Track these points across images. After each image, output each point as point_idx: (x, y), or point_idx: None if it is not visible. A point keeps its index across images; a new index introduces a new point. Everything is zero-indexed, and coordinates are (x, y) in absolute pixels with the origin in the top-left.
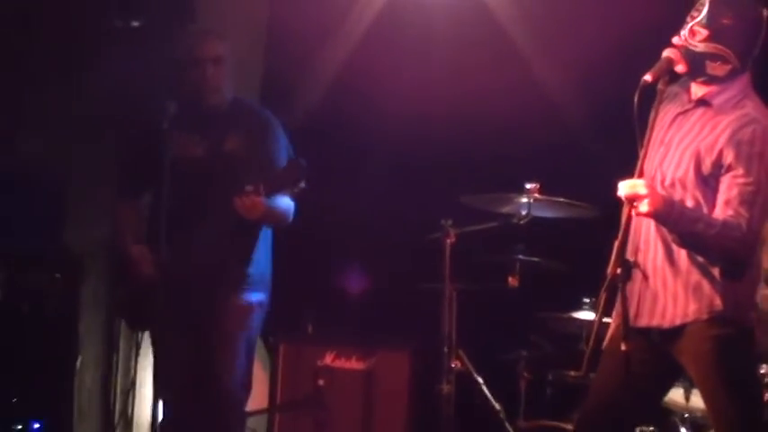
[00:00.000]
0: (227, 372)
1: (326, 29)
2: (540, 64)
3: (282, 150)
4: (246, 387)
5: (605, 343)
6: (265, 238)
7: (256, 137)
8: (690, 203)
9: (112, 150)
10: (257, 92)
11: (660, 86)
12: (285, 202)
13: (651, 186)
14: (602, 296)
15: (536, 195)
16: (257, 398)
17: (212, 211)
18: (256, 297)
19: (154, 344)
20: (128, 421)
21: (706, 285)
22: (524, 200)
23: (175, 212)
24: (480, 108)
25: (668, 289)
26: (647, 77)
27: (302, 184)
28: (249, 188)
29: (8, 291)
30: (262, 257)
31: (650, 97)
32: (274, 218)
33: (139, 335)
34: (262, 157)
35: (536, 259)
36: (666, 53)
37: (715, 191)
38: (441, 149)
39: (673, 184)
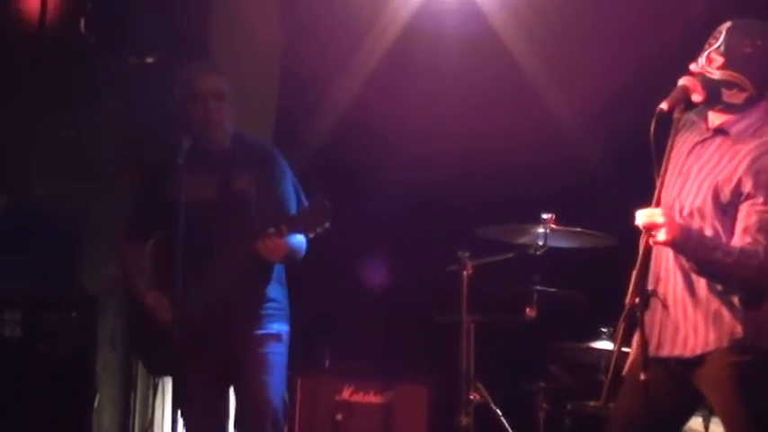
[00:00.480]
0: (265, 399)
1: (340, 64)
2: (555, 96)
3: (290, 185)
4: (284, 420)
5: (624, 372)
6: (279, 269)
7: (264, 173)
8: (708, 233)
9: (127, 190)
10: (271, 128)
11: (676, 115)
12: (299, 240)
13: (668, 215)
14: (621, 326)
15: (552, 226)
16: None
17: (226, 251)
18: (280, 330)
19: (176, 388)
20: None
21: (726, 314)
22: (541, 230)
23: (187, 254)
24: (496, 141)
25: (689, 318)
26: (663, 106)
27: (327, 225)
28: (271, 230)
29: (24, 331)
30: (278, 289)
31: (667, 126)
32: (293, 257)
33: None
34: (272, 194)
35: (553, 290)
36: (682, 81)
37: (734, 220)
38: (457, 183)
39: (691, 214)
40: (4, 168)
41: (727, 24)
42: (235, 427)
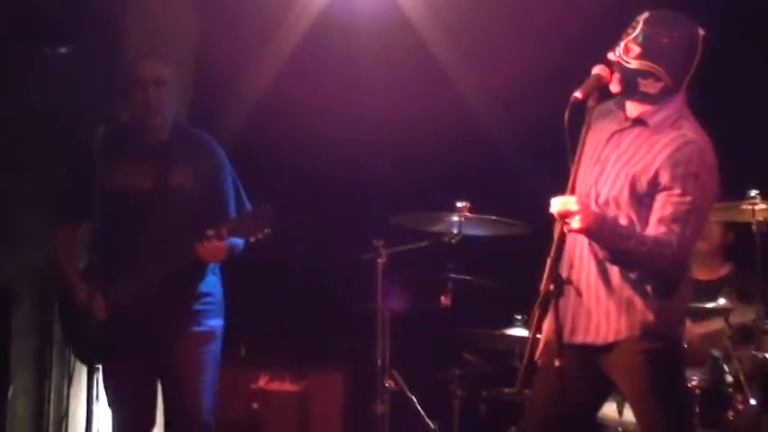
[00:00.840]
0: (197, 405)
1: (256, 52)
2: (470, 85)
3: (229, 179)
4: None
5: (538, 359)
6: (212, 267)
7: (204, 169)
8: (623, 222)
9: (36, 176)
10: (186, 113)
11: (590, 104)
12: (237, 241)
13: (583, 203)
14: (536, 312)
15: (467, 214)
16: None
17: (161, 244)
18: (214, 324)
19: (105, 378)
20: None
21: (638, 302)
22: (455, 218)
23: (122, 245)
24: (411, 130)
25: (601, 306)
26: (578, 94)
27: (267, 231)
28: (210, 232)
29: None
30: (213, 282)
31: (581, 114)
32: (230, 256)
33: (72, 363)
34: (211, 190)
35: (468, 277)
36: (596, 70)
37: (649, 209)
38: (372, 172)
39: (607, 203)
40: None
41: (645, 15)
42: (166, 421)
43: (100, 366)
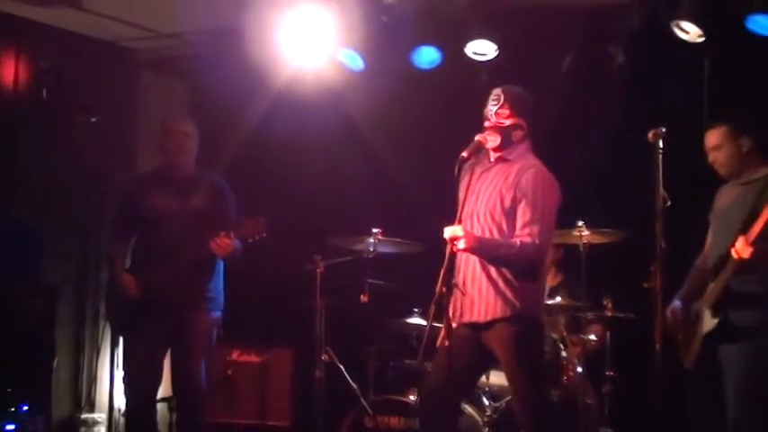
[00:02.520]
0: (196, 372)
1: (237, 113)
2: (386, 148)
3: (232, 205)
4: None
5: (438, 342)
6: (219, 269)
7: (215, 197)
8: (496, 230)
9: (73, 209)
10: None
11: (472, 160)
12: (238, 244)
13: (466, 230)
14: (432, 308)
15: (379, 237)
16: None
17: (183, 245)
18: (215, 315)
19: (124, 351)
20: (91, 404)
21: (509, 292)
22: (371, 240)
23: (156, 249)
24: (345, 177)
25: (482, 295)
26: (464, 154)
27: (264, 235)
28: (223, 233)
29: (1, 312)
30: (219, 284)
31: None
32: (234, 256)
33: (99, 342)
34: (221, 212)
35: (380, 282)
36: (477, 137)
37: (515, 217)
38: (314, 205)
39: (485, 217)
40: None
41: (499, 90)
42: (172, 389)
43: (122, 339)
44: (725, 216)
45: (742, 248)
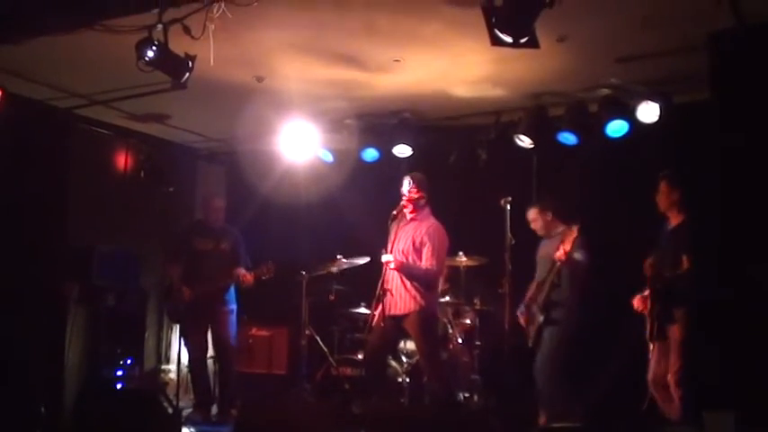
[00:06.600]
0: (229, 342)
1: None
2: (347, 207)
3: (243, 248)
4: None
5: (375, 323)
6: (232, 285)
7: (236, 243)
8: (411, 260)
9: (158, 243)
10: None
11: (399, 216)
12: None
13: (395, 257)
14: (374, 303)
15: (343, 260)
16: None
17: (215, 273)
18: (231, 307)
19: (182, 330)
20: (167, 359)
21: (418, 295)
22: (337, 262)
23: (197, 272)
24: (322, 224)
25: (402, 297)
26: (394, 213)
27: (272, 275)
28: (243, 271)
29: (117, 305)
30: (232, 292)
31: (392, 219)
32: (249, 287)
33: (171, 325)
34: (238, 252)
35: (342, 287)
36: (401, 204)
37: (421, 254)
38: (302, 241)
39: (405, 251)
40: (106, 234)
41: (409, 176)
42: (214, 351)
43: (179, 324)
44: (543, 258)
45: (560, 255)
